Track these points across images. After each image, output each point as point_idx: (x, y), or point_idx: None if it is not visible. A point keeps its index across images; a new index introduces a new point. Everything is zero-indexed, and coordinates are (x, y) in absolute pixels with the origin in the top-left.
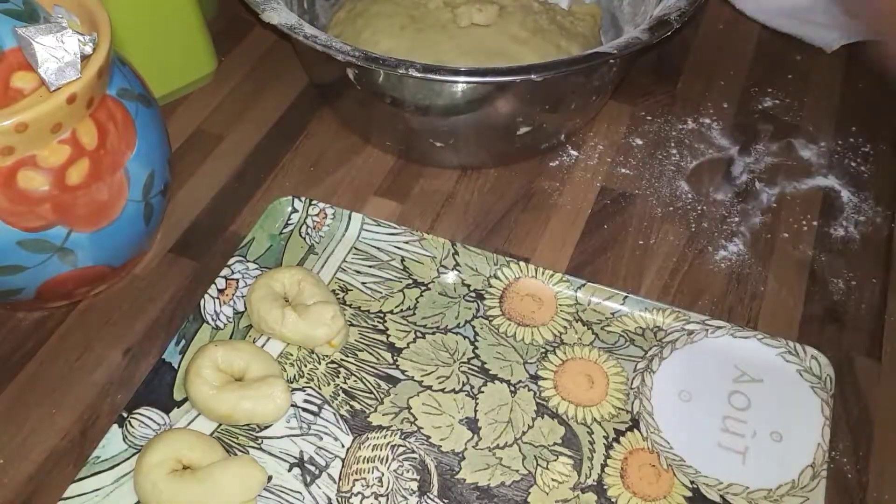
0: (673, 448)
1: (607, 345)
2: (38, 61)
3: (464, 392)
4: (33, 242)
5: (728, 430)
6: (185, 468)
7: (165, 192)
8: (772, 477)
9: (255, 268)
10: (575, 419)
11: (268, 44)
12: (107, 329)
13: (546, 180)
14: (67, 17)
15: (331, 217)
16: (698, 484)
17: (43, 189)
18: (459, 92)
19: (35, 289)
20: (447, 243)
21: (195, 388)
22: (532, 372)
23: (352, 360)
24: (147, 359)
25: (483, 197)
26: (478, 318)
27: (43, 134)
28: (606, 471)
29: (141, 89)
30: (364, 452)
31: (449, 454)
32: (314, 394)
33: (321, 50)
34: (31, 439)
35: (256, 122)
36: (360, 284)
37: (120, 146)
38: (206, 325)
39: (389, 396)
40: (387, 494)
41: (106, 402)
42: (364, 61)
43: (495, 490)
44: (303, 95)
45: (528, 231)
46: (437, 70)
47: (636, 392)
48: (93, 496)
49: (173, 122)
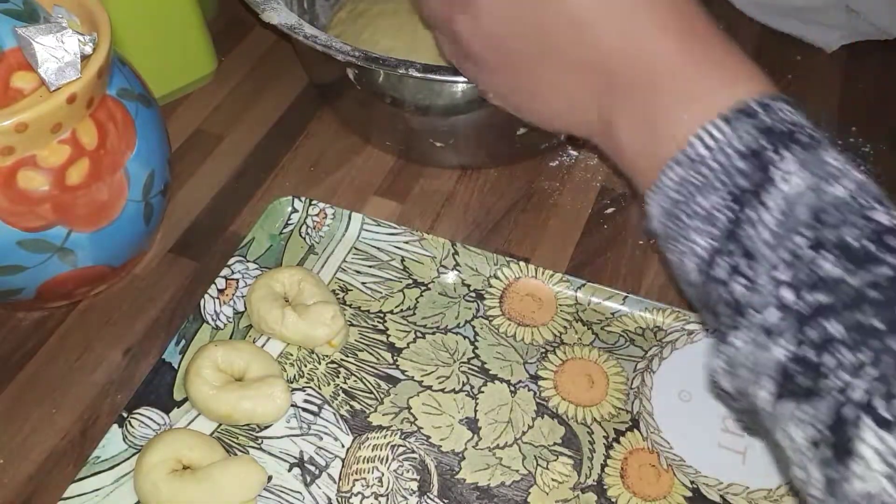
0: (673, 448)
1: (607, 345)
2: (38, 61)
3: (464, 392)
4: (33, 242)
5: (728, 430)
6: (185, 468)
7: (165, 192)
8: (772, 477)
9: (255, 268)
10: (575, 419)
11: (268, 44)
12: (107, 329)
13: (546, 180)
14: (67, 17)
15: (331, 217)
16: (698, 484)
17: (43, 189)
18: (459, 92)
19: (35, 289)
20: (447, 243)
21: (195, 388)
22: (532, 372)
23: (352, 360)
24: (147, 359)
25: (483, 197)
26: (478, 318)
27: (43, 134)
28: (606, 471)
29: (141, 89)
30: (364, 452)
31: (449, 454)
32: (314, 394)
33: (321, 50)
34: (31, 439)
35: (256, 122)
36: (360, 284)
37: (120, 146)
38: (206, 325)
39: (389, 396)
40: (387, 494)
41: (106, 402)
42: (364, 61)
43: (495, 490)
44: (303, 95)
45: (528, 231)
46: (438, 70)
47: (636, 392)
48: (93, 496)
49: (173, 122)
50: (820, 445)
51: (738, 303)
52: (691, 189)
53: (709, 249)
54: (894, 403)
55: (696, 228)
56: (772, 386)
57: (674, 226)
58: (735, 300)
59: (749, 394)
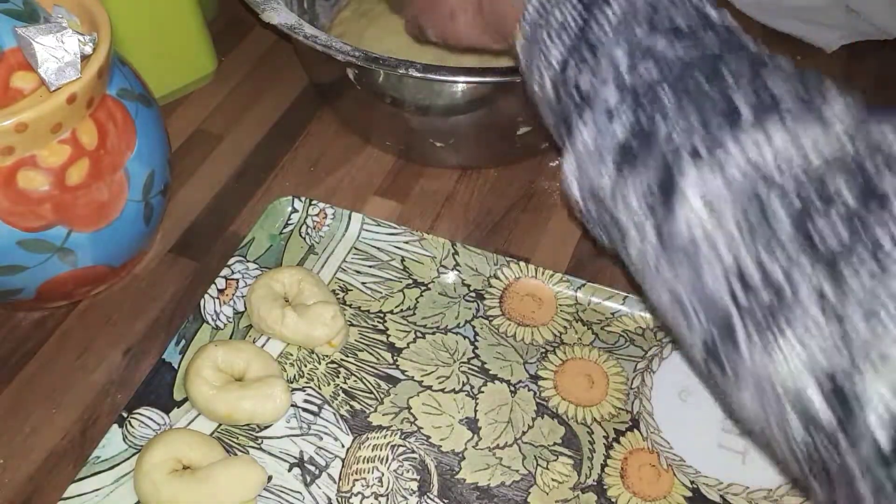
0: (673, 448)
1: (607, 345)
2: (38, 61)
3: (464, 392)
4: (33, 242)
5: (728, 430)
6: (185, 468)
7: (165, 192)
8: (772, 477)
9: (255, 268)
10: (575, 419)
11: (268, 44)
12: (107, 329)
13: (546, 180)
14: (67, 17)
15: (331, 217)
16: (698, 484)
17: (43, 189)
18: (459, 92)
19: (35, 289)
20: (447, 243)
21: (195, 389)
22: (532, 372)
23: (352, 360)
24: (147, 359)
25: (483, 197)
26: (478, 318)
27: (43, 134)
28: (606, 471)
29: (141, 89)
30: (364, 452)
31: (449, 454)
32: (314, 394)
33: (321, 50)
34: (31, 439)
35: (256, 122)
36: (360, 284)
37: (120, 146)
38: (206, 325)
39: (389, 396)
40: (387, 494)
41: (106, 402)
42: (364, 61)
43: (495, 490)
44: (303, 95)
45: (528, 231)
46: (437, 70)
47: (636, 392)
48: (93, 496)
49: (173, 122)
50: (651, 197)
51: (585, 95)
52: (548, 7)
53: (563, 56)
54: (714, 144)
55: (552, 42)
56: (612, 166)
57: (535, 50)
58: (581, 95)
59: (595, 191)
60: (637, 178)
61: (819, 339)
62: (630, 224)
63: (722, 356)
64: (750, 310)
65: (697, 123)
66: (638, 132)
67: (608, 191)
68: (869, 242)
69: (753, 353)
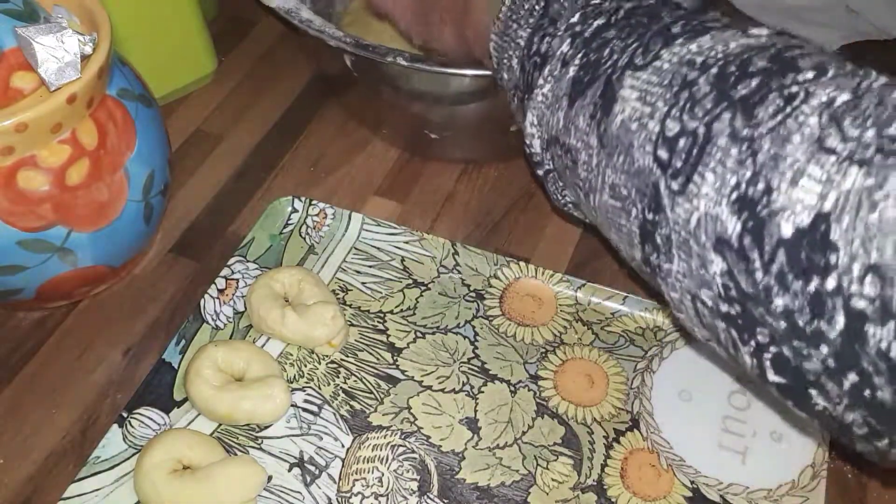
0: (673, 448)
1: (607, 345)
2: (38, 61)
3: (464, 392)
4: (33, 242)
5: (728, 430)
6: (185, 468)
7: (165, 192)
8: (772, 477)
9: (255, 268)
10: (575, 419)
11: (268, 43)
12: (107, 329)
13: None
14: (67, 17)
15: (331, 217)
16: (698, 484)
17: (43, 189)
18: (459, 81)
19: (35, 289)
20: (447, 243)
21: (195, 389)
22: (532, 372)
23: (352, 360)
24: (147, 359)
25: (483, 197)
26: (478, 318)
27: (43, 134)
28: (606, 471)
29: (141, 89)
30: (364, 452)
31: (449, 454)
32: (314, 394)
33: (314, 35)
34: (31, 439)
35: (256, 122)
36: (360, 284)
37: (120, 146)
38: (206, 325)
39: (389, 396)
40: (387, 494)
41: (106, 402)
42: (354, 47)
43: (495, 490)
44: (303, 95)
45: (529, 231)
46: (425, 60)
47: (636, 392)
48: (93, 496)
49: (173, 122)
50: (594, 109)
51: (544, 55)
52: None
53: (528, 34)
54: (649, 54)
55: (519, 27)
56: (565, 102)
57: (507, 41)
58: (542, 56)
59: (553, 133)
60: (584, 102)
61: (731, 163)
62: (580, 145)
63: (653, 232)
64: (670, 163)
65: (636, 45)
66: (585, 64)
67: (562, 125)
68: (777, 85)
69: (676, 206)
